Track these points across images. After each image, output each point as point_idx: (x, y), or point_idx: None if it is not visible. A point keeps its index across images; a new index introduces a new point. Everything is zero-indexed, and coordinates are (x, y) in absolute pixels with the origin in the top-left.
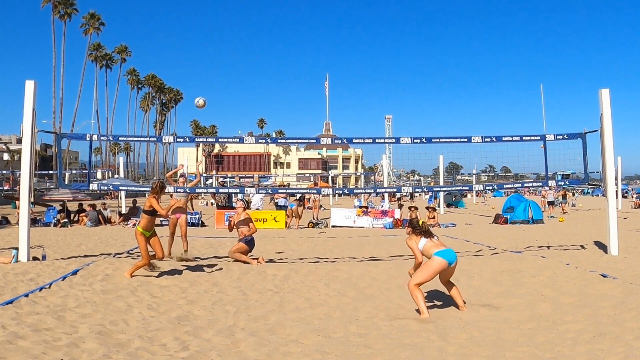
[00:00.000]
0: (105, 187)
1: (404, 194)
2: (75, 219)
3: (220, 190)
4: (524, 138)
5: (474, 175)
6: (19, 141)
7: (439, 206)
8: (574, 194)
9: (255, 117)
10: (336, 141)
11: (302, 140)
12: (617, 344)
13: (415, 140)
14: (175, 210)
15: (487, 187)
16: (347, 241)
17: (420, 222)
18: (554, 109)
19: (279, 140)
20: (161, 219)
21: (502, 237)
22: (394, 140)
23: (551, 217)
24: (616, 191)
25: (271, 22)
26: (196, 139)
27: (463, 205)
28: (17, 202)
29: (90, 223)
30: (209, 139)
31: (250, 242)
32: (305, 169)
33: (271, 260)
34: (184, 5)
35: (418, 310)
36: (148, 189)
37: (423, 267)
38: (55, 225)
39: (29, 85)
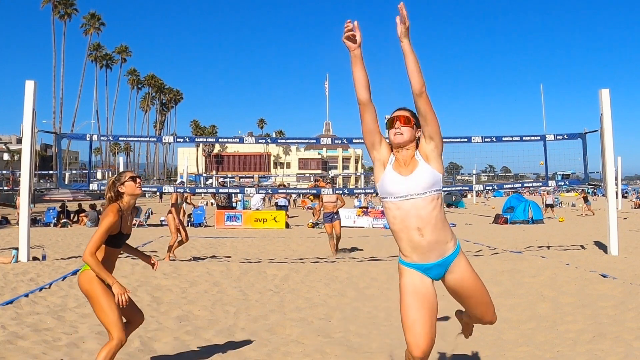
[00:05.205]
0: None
1: None
2: (75, 219)
3: (220, 190)
4: (524, 138)
5: (474, 175)
6: (19, 141)
7: None
8: (590, 193)
9: (255, 117)
10: (336, 141)
11: (302, 140)
12: (617, 344)
13: None
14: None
15: (487, 187)
16: (347, 241)
17: None
18: (554, 109)
19: (279, 140)
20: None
21: (502, 237)
22: None
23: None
24: (616, 191)
25: (271, 22)
26: (196, 139)
27: (463, 205)
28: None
29: (90, 223)
30: (209, 139)
31: None
32: (305, 169)
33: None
34: (184, 6)
35: None
36: (148, 189)
37: None
38: (55, 225)
39: (29, 85)
